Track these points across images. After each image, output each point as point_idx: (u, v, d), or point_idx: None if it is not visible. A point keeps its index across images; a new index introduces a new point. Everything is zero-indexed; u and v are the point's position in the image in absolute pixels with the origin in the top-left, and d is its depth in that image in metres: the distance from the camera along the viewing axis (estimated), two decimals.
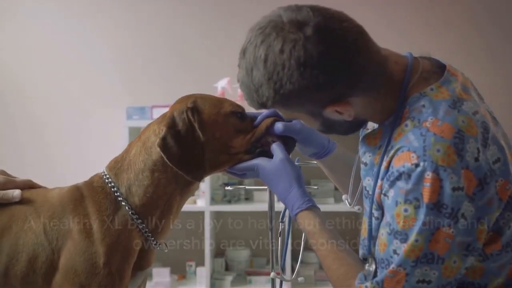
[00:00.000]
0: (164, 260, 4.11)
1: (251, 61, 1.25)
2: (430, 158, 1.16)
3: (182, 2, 4.23)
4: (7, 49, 4.22)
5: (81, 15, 4.22)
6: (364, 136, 1.37)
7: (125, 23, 4.22)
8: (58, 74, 4.21)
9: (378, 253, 1.25)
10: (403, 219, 1.18)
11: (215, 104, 1.57)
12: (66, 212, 1.54)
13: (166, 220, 1.60)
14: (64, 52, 4.21)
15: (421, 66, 1.30)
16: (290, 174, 1.42)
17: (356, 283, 1.26)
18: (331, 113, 1.29)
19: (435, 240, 1.17)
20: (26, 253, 1.52)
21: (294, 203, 1.40)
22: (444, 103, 1.22)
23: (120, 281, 1.53)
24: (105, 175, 1.59)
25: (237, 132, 1.55)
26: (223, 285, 3.88)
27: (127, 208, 1.55)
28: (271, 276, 1.80)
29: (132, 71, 4.21)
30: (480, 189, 1.18)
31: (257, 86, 1.25)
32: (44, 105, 4.21)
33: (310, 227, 1.37)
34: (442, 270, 1.18)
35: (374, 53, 1.25)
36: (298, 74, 1.20)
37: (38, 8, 4.23)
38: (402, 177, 1.18)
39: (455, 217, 1.16)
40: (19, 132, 4.22)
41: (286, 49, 1.19)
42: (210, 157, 1.53)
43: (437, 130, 1.19)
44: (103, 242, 1.51)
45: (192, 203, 3.88)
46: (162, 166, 1.54)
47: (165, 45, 4.21)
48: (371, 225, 1.29)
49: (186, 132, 1.51)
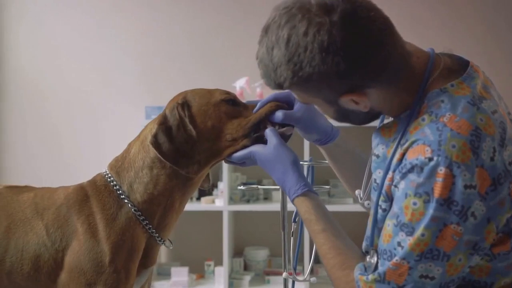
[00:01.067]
0: (183, 260, 4.13)
1: (273, 39, 1.23)
2: (444, 153, 1.15)
3: (202, 2, 4.23)
4: (27, 48, 4.26)
5: (100, 14, 4.25)
6: (379, 128, 1.35)
7: (144, 23, 4.24)
8: (76, 73, 4.24)
9: (381, 244, 1.24)
10: (411, 212, 1.17)
11: (204, 96, 1.59)
12: (71, 212, 1.56)
13: (170, 216, 1.61)
14: (84, 51, 4.24)
15: (443, 63, 1.29)
16: (285, 159, 1.42)
17: (355, 273, 1.25)
18: (347, 102, 1.27)
19: (442, 237, 1.15)
20: (28, 252, 1.54)
21: (290, 189, 1.39)
22: (463, 100, 1.21)
23: (126, 279, 1.54)
24: (107, 174, 1.61)
25: (231, 118, 1.55)
26: (241, 284, 3.88)
27: (129, 206, 1.57)
28: (283, 276, 1.80)
29: (151, 71, 4.23)
30: (493, 188, 1.16)
31: (276, 65, 1.24)
32: (62, 104, 4.25)
33: (306, 214, 1.36)
34: (447, 268, 1.17)
35: (398, 47, 1.24)
36: (320, 59, 1.18)
37: (57, 7, 4.27)
38: (414, 169, 1.17)
39: (465, 215, 1.14)
40: (38, 131, 4.26)
41: (311, 32, 1.18)
42: (206, 147, 1.54)
43: (454, 126, 1.17)
44: (108, 240, 1.53)
45: (210, 202, 3.89)
46: (160, 163, 1.55)
47: (184, 45, 4.22)
48: (376, 215, 1.28)
49: (177, 127, 1.53)
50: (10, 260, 1.54)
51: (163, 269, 4.03)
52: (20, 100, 4.27)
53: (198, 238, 4.19)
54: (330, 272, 1.30)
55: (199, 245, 4.18)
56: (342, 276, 1.27)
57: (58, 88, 4.26)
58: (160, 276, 4.00)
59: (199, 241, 4.19)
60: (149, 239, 1.60)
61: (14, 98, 4.26)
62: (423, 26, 4.10)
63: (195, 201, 3.96)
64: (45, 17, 4.27)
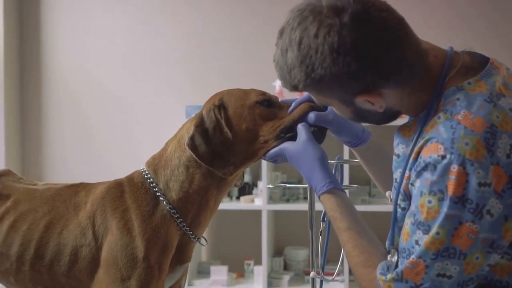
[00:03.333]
0: (223, 258, 4.14)
1: (286, 42, 1.26)
2: (457, 150, 1.14)
3: (244, 3, 4.24)
4: (69, 48, 4.35)
5: (143, 14, 4.30)
6: (399, 128, 1.35)
7: (187, 22, 4.27)
8: (117, 72, 4.31)
9: (401, 243, 1.24)
10: (426, 210, 1.17)
11: (240, 97, 1.60)
12: (107, 208, 1.58)
13: (203, 214, 1.63)
14: (126, 50, 4.31)
15: (461, 61, 1.28)
16: (312, 155, 1.43)
17: (377, 272, 1.25)
18: (362, 103, 1.27)
19: (457, 235, 1.14)
20: (68, 248, 1.57)
21: (317, 185, 1.40)
22: (479, 97, 1.19)
23: (159, 274, 1.57)
24: (144, 171, 1.63)
25: (265, 120, 1.57)
26: (281, 284, 3.87)
27: (165, 203, 1.59)
28: (311, 276, 1.78)
29: (192, 70, 4.26)
30: (510, 186, 1.14)
31: (290, 67, 1.26)
32: (103, 102, 4.32)
33: (331, 211, 1.37)
34: (464, 266, 1.16)
35: (413, 46, 1.22)
36: (330, 60, 1.19)
37: (98, 7, 4.34)
38: (428, 168, 1.17)
39: (480, 213, 1.13)
40: (76, 129, 4.34)
41: (321, 33, 1.19)
42: (241, 149, 1.55)
43: (468, 123, 1.16)
44: (144, 236, 1.56)
45: (249, 202, 3.89)
46: (195, 162, 1.58)
47: (225, 44, 4.24)
48: (396, 214, 1.28)
49: (213, 129, 1.55)
50: (51, 255, 1.57)
51: (203, 267, 4.06)
52: (60, 100, 4.36)
53: (238, 237, 4.20)
54: (354, 270, 1.31)
55: (239, 244, 4.19)
56: (365, 274, 1.28)
57: (98, 86, 4.33)
58: (200, 275, 4.03)
59: (239, 240, 4.19)
60: (183, 237, 1.62)
61: (55, 99, 4.36)
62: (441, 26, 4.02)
63: (235, 200, 3.97)
64: (86, 17, 4.35)
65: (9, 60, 4.21)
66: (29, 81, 4.37)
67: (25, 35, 4.37)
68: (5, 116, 4.16)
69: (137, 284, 1.53)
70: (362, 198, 3.85)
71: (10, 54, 4.23)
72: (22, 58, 4.37)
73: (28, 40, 4.37)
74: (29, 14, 4.36)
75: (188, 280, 3.85)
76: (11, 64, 4.25)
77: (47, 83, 4.36)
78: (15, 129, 4.29)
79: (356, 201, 3.79)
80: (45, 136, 4.37)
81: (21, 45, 4.36)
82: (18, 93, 4.34)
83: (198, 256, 4.13)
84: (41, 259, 1.59)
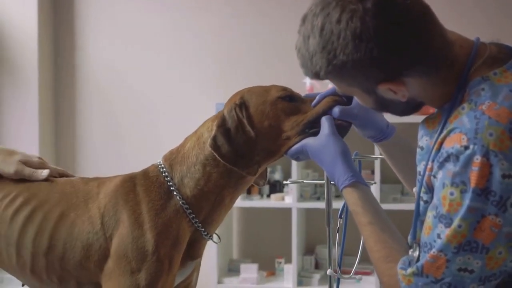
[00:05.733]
0: (254, 256, 4.13)
1: (308, 28, 1.24)
2: (481, 141, 1.10)
3: (274, 0, 4.24)
4: (101, 46, 4.40)
5: (176, 12, 4.32)
6: (424, 120, 1.32)
7: (216, 21, 4.28)
8: (147, 70, 4.34)
9: (423, 236, 1.20)
10: (448, 203, 1.14)
11: (261, 94, 1.57)
12: (119, 201, 1.59)
13: (218, 212, 1.62)
14: (156, 50, 4.33)
15: (488, 51, 1.24)
16: (334, 148, 1.39)
17: (398, 267, 1.22)
18: (385, 91, 1.25)
19: (480, 228, 1.11)
20: (80, 240, 1.58)
21: (339, 179, 1.37)
22: (505, 88, 1.16)
23: (169, 268, 1.55)
24: (160, 165, 1.63)
25: (288, 115, 1.54)
26: (311, 283, 3.84)
27: (178, 198, 1.58)
28: (327, 273, 1.77)
29: (222, 68, 4.26)
30: None
31: (311, 54, 1.24)
32: (134, 101, 4.36)
33: (353, 206, 1.34)
34: (486, 261, 1.12)
35: (437, 36, 1.20)
36: (353, 46, 1.17)
37: (131, 6, 4.37)
38: (450, 158, 1.14)
39: (504, 205, 1.09)
40: (108, 128, 4.39)
41: (343, 19, 1.17)
42: (264, 147, 1.53)
43: (493, 113, 1.13)
44: (155, 230, 1.55)
45: (280, 199, 3.87)
46: (213, 161, 1.56)
47: (255, 41, 4.23)
48: (419, 208, 1.24)
49: (236, 129, 1.52)
50: (63, 246, 1.59)
51: (233, 265, 4.05)
52: (92, 100, 4.41)
53: (268, 235, 4.18)
54: (376, 265, 1.28)
55: (270, 242, 4.17)
56: (386, 269, 1.25)
57: (129, 86, 4.36)
58: (230, 272, 4.02)
59: (270, 238, 4.18)
60: (194, 233, 1.61)
61: (87, 99, 4.40)
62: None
63: (265, 198, 3.96)
64: (118, 15, 4.38)
65: (43, 62, 4.28)
66: (63, 82, 4.43)
67: (60, 37, 4.42)
68: (40, 116, 4.23)
69: (146, 277, 1.52)
70: (393, 197, 3.79)
71: (44, 56, 4.29)
72: (56, 59, 4.43)
73: (62, 42, 4.42)
74: (63, 17, 4.41)
75: (218, 278, 3.85)
76: (46, 65, 4.32)
77: (80, 84, 4.41)
78: (49, 128, 4.36)
79: (387, 199, 3.74)
80: (78, 136, 4.41)
81: (55, 47, 4.42)
82: (52, 93, 4.41)
83: (228, 254, 4.13)
84: (53, 250, 1.60)
